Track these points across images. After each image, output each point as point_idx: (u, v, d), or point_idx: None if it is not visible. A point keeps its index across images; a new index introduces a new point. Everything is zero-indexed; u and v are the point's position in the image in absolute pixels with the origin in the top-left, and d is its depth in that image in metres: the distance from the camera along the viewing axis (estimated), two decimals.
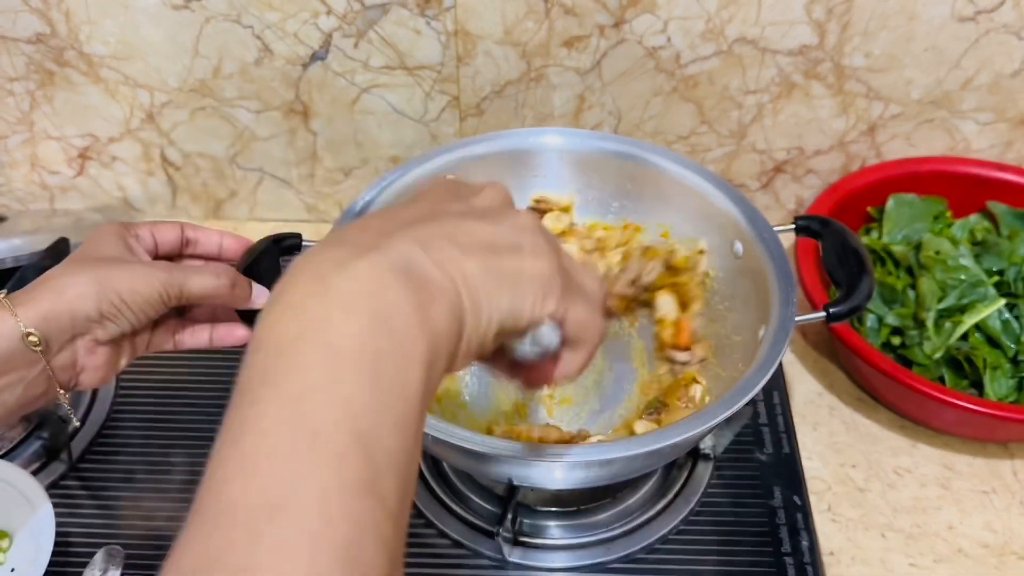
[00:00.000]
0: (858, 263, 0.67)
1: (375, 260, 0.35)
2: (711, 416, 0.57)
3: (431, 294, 0.35)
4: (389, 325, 0.34)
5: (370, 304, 0.34)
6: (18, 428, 0.75)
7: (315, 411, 0.31)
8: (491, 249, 0.38)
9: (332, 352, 0.32)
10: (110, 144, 0.93)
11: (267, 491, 0.29)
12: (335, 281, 0.34)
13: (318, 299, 0.34)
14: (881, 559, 0.70)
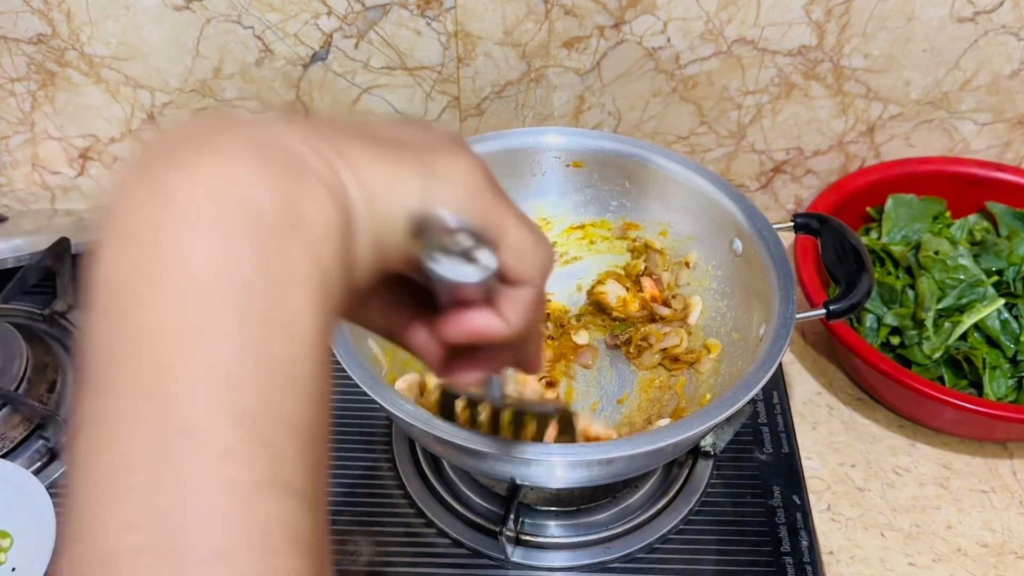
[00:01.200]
0: (857, 260, 0.68)
1: (219, 145, 0.27)
2: (714, 413, 0.58)
3: (297, 177, 0.27)
4: (251, 236, 0.26)
5: (220, 207, 0.26)
6: (20, 428, 0.75)
7: (178, 394, 0.25)
8: (390, 140, 0.30)
9: (183, 297, 0.25)
10: (111, 144, 0.93)
11: (147, 531, 0.23)
12: (170, 186, 0.26)
13: (154, 218, 0.26)
14: (880, 558, 0.71)
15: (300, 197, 0.27)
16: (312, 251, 0.27)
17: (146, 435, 0.24)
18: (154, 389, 0.25)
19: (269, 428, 0.25)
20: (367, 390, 0.59)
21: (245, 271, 0.25)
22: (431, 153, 0.31)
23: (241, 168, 0.26)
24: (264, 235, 0.26)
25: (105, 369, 0.26)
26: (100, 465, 0.24)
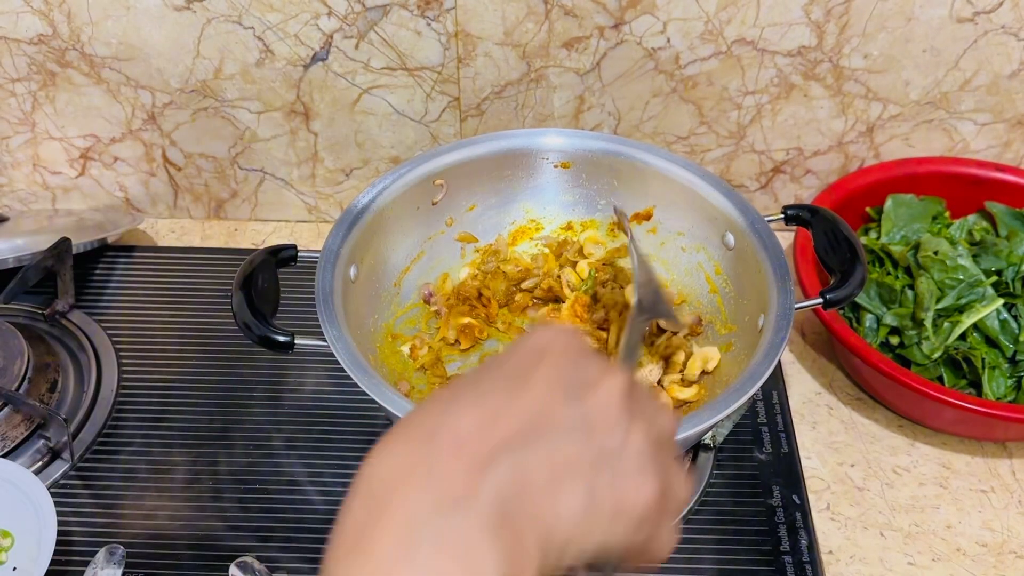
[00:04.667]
0: (850, 250, 0.68)
1: (468, 519, 0.32)
2: (721, 407, 0.58)
3: (521, 561, 0.32)
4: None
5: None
6: (20, 428, 0.76)
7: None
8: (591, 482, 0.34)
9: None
10: (112, 145, 0.93)
11: None
12: (421, 548, 0.31)
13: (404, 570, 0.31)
14: (880, 558, 0.71)
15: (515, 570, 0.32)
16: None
17: None
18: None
19: None
20: (367, 390, 0.59)
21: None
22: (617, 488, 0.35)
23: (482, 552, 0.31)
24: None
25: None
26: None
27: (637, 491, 0.35)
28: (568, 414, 0.35)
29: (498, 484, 0.32)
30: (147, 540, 0.70)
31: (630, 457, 0.35)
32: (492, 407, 0.34)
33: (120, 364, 0.83)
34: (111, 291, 0.90)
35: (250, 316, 0.63)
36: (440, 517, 0.31)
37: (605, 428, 0.35)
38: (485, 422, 0.34)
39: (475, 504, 0.32)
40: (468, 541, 0.31)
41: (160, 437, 0.78)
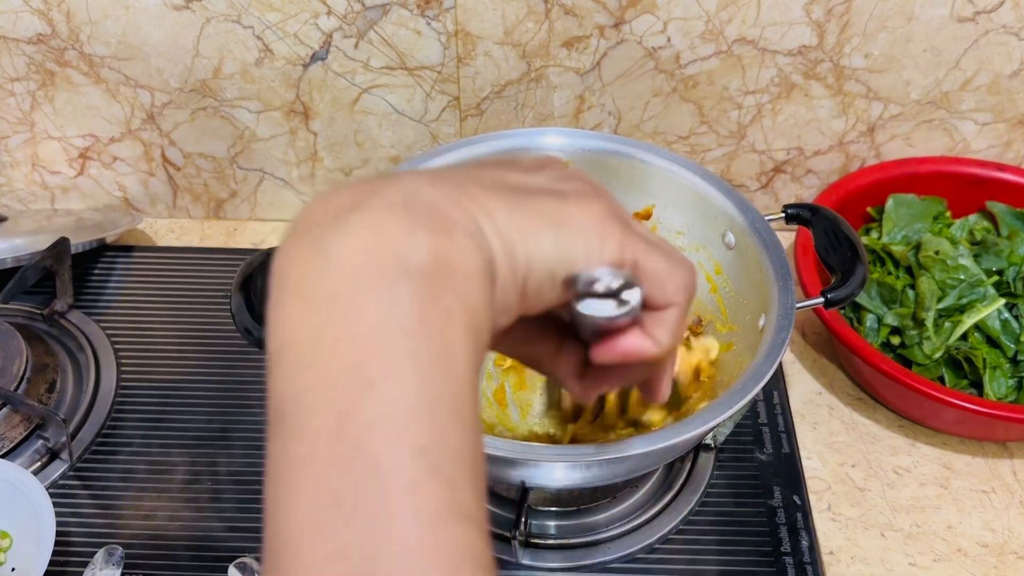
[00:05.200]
0: (851, 249, 0.68)
1: (374, 204, 0.30)
2: (724, 407, 0.58)
3: (445, 230, 0.30)
4: (406, 289, 0.28)
5: (379, 264, 0.29)
6: (19, 428, 0.75)
7: (363, 436, 0.27)
8: (526, 191, 0.33)
9: (355, 347, 0.28)
10: (111, 144, 0.93)
11: (349, 557, 0.26)
12: (332, 245, 0.29)
13: (321, 277, 0.29)
14: (881, 558, 0.71)
15: (449, 250, 0.29)
16: (462, 298, 0.29)
17: (340, 474, 0.27)
18: (341, 432, 0.27)
19: (445, 461, 0.27)
20: None
21: (407, 319, 0.28)
22: (561, 201, 0.33)
23: (395, 227, 0.29)
24: (420, 286, 0.28)
25: (293, 417, 0.28)
26: (301, 503, 0.27)
27: (580, 199, 0.34)
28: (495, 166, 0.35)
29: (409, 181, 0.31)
30: (146, 541, 0.70)
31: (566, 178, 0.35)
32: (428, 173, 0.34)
33: (119, 364, 0.83)
34: (110, 291, 0.90)
35: (249, 319, 0.63)
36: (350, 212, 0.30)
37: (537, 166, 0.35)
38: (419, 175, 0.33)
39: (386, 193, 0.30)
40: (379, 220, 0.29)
41: (159, 437, 0.78)
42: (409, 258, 0.29)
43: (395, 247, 0.29)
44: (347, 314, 0.28)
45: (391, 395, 0.28)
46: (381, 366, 0.28)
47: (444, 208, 0.30)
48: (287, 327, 0.30)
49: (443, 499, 0.27)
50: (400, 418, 0.27)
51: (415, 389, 0.28)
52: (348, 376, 0.28)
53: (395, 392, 0.28)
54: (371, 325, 0.28)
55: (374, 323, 0.28)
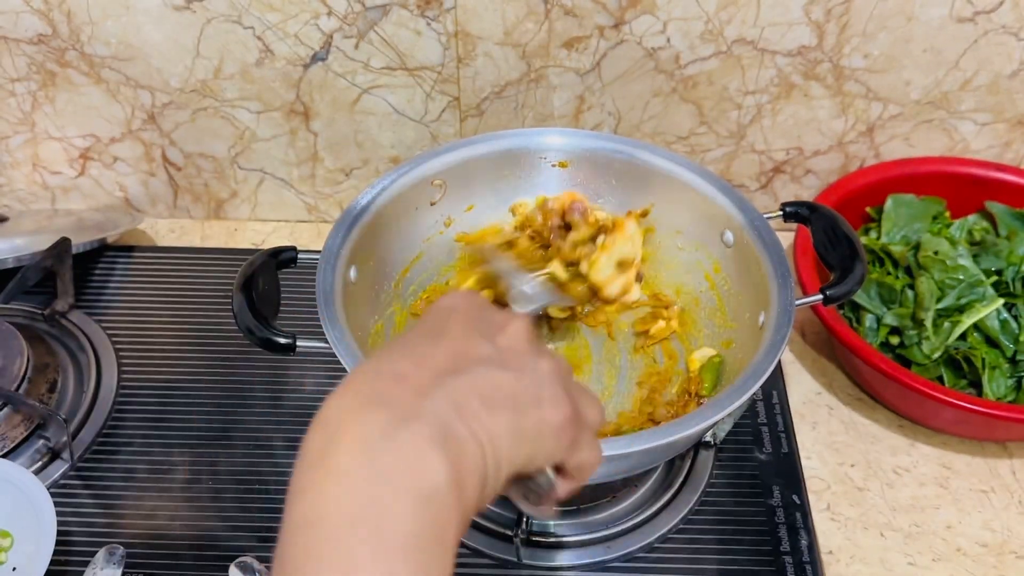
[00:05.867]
0: (850, 247, 0.68)
1: (417, 431, 0.36)
2: (725, 404, 0.58)
3: (466, 468, 0.37)
4: (431, 509, 0.35)
5: (415, 484, 0.35)
6: (20, 428, 0.76)
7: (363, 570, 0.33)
8: (515, 406, 0.40)
9: (383, 546, 0.33)
10: (111, 144, 0.93)
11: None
12: (381, 455, 0.35)
13: (365, 479, 0.35)
14: (880, 558, 0.71)
15: (462, 477, 0.36)
16: (464, 514, 0.37)
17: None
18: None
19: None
20: None
21: (426, 531, 0.35)
22: (539, 414, 0.41)
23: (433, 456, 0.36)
24: (439, 506, 0.35)
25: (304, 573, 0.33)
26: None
27: (553, 408, 0.41)
28: (484, 350, 0.41)
29: (437, 407, 0.37)
30: (147, 540, 0.70)
31: (543, 381, 0.42)
32: (420, 353, 0.40)
33: (120, 364, 0.83)
34: (111, 291, 0.90)
35: (251, 319, 0.63)
36: (392, 432, 0.36)
37: (517, 358, 0.42)
38: (417, 363, 0.39)
39: (421, 422, 0.36)
40: (418, 450, 0.35)
41: (160, 437, 0.78)
42: (438, 488, 0.35)
43: (432, 475, 0.35)
44: (385, 516, 0.34)
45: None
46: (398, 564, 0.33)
47: (466, 447, 0.37)
48: (323, 502, 0.35)
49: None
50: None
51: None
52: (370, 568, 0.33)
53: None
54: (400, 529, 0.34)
55: (402, 529, 0.34)
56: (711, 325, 0.76)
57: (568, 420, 0.42)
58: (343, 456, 0.35)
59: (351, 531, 0.34)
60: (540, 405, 0.41)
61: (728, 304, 0.74)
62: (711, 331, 0.76)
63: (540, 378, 0.42)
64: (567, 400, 0.42)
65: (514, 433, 0.39)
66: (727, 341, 0.73)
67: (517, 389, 0.40)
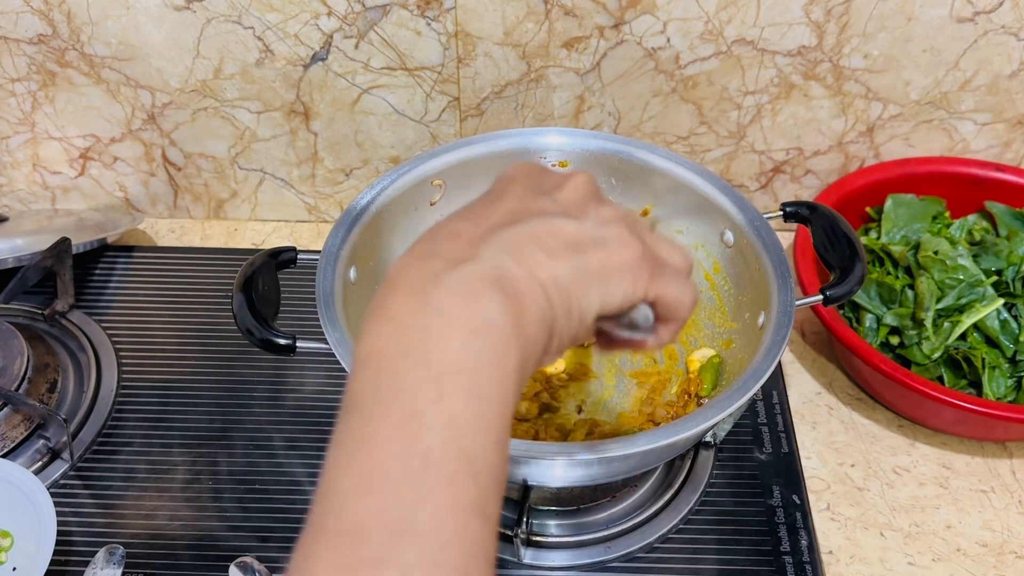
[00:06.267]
0: (850, 247, 0.68)
1: (468, 272, 0.36)
2: (724, 405, 0.58)
3: (522, 304, 0.37)
4: (485, 340, 0.35)
5: (466, 319, 0.35)
6: (20, 428, 0.76)
7: (424, 432, 0.33)
8: (577, 248, 0.39)
9: (435, 371, 0.34)
10: (112, 144, 0.93)
11: (387, 514, 0.32)
12: (432, 295, 0.36)
13: (418, 315, 0.35)
14: (880, 558, 0.71)
15: (519, 311, 0.36)
16: (524, 353, 0.36)
17: (396, 452, 0.33)
18: (407, 426, 0.33)
19: (482, 470, 0.34)
20: None
21: (481, 362, 0.35)
22: (606, 252, 0.40)
23: (486, 297, 0.36)
24: (496, 340, 0.35)
25: (366, 407, 0.34)
26: (357, 468, 0.33)
27: (619, 247, 0.41)
28: (543, 204, 0.41)
29: (494, 251, 0.38)
30: (147, 540, 0.70)
31: (606, 224, 0.41)
32: (477, 213, 0.40)
33: (120, 364, 0.83)
34: (111, 291, 0.90)
35: (251, 319, 0.63)
36: (447, 274, 0.36)
37: (578, 209, 0.42)
38: (473, 221, 0.40)
39: (477, 263, 0.37)
40: (473, 287, 0.36)
41: (160, 437, 0.78)
42: (493, 321, 0.36)
43: (485, 311, 0.36)
44: (434, 344, 0.35)
45: (455, 410, 0.34)
46: (452, 388, 0.34)
47: (523, 285, 0.37)
48: (378, 341, 0.36)
49: (473, 498, 0.33)
50: (457, 429, 0.33)
51: (474, 413, 0.34)
52: (423, 389, 0.34)
53: (458, 409, 0.34)
54: (452, 357, 0.35)
55: (455, 357, 0.35)
56: (711, 325, 0.76)
57: (639, 257, 0.41)
58: (397, 302, 0.36)
59: (402, 360, 0.34)
60: (605, 246, 0.40)
61: (728, 304, 0.74)
62: (711, 331, 0.76)
63: (603, 221, 0.41)
64: (634, 239, 0.41)
65: (579, 273, 0.39)
66: (727, 341, 0.73)
67: (579, 233, 0.40)
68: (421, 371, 0.34)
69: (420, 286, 0.36)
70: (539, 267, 0.38)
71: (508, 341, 0.36)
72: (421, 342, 0.35)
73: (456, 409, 0.34)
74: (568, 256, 0.39)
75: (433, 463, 0.32)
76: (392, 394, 0.34)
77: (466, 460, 0.33)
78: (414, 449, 0.33)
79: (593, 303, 0.40)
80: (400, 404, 0.34)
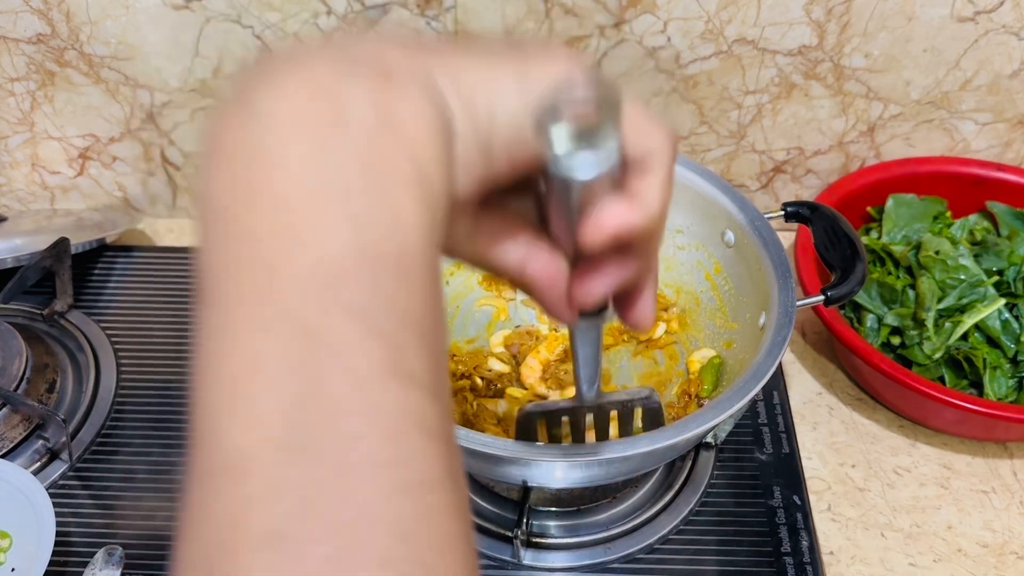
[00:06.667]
0: (851, 247, 0.68)
1: (310, 60, 0.27)
2: (727, 405, 0.58)
3: (393, 81, 0.27)
4: (347, 140, 0.26)
5: (314, 117, 0.26)
6: (19, 428, 0.75)
7: (290, 297, 0.25)
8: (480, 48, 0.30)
9: (283, 202, 0.25)
10: (111, 144, 0.93)
11: (269, 426, 0.24)
12: (263, 103, 0.27)
13: (250, 135, 0.26)
14: (881, 558, 0.71)
15: (395, 102, 0.26)
16: (411, 152, 0.26)
17: (265, 338, 0.24)
18: (267, 294, 0.25)
19: (385, 320, 0.25)
20: None
21: (344, 173, 0.25)
22: (525, 57, 0.30)
23: (332, 79, 0.26)
24: (360, 139, 0.26)
25: (217, 281, 0.26)
26: (222, 373, 0.25)
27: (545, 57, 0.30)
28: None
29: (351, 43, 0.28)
30: (146, 541, 0.70)
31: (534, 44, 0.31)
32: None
33: (119, 364, 0.83)
34: (110, 291, 0.90)
35: None
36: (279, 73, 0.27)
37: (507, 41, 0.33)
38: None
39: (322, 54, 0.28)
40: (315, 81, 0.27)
41: (159, 437, 0.77)
42: (349, 112, 0.26)
43: (333, 101, 0.26)
44: (277, 171, 0.26)
45: (323, 251, 0.25)
46: (314, 222, 0.25)
47: (391, 61, 0.27)
48: (214, 190, 0.27)
49: (381, 361, 0.25)
50: (332, 276, 0.25)
51: (352, 246, 0.25)
52: (276, 234, 0.25)
53: (327, 248, 0.25)
54: (303, 180, 0.26)
55: (306, 178, 0.25)
56: (712, 326, 0.76)
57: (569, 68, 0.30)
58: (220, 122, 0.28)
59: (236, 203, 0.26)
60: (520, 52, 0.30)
61: (729, 304, 0.74)
62: (712, 332, 0.76)
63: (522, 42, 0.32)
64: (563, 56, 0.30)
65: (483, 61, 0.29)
66: (728, 342, 0.73)
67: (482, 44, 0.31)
68: (270, 213, 0.25)
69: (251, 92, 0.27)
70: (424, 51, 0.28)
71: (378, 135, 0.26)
72: (262, 174, 0.26)
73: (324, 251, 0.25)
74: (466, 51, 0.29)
75: (313, 334, 0.24)
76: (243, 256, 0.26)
77: (359, 315, 0.25)
78: (284, 325, 0.24)
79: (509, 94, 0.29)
80: (255, 267, 0.25)
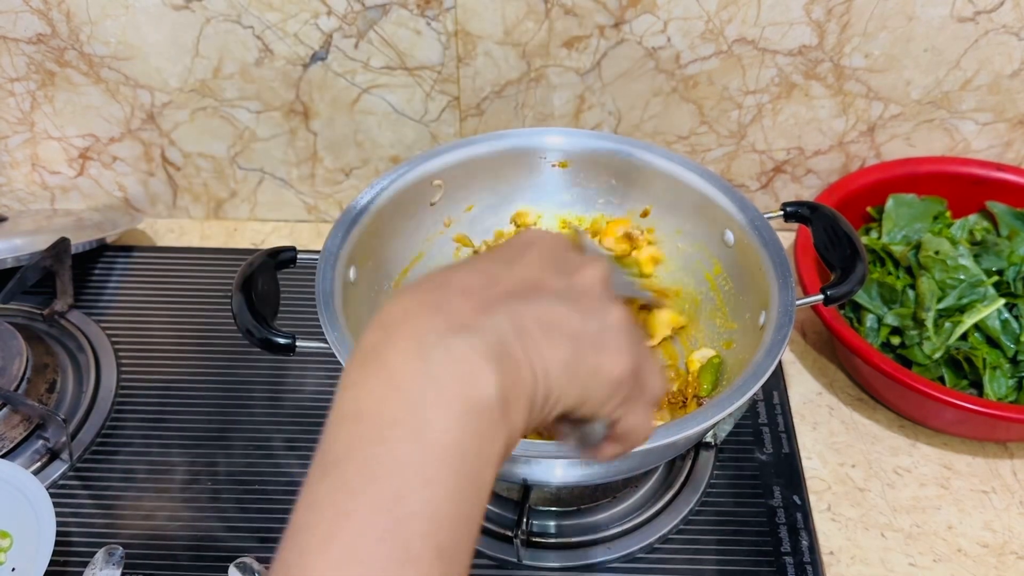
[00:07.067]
0: (850, 247, 0.68)
1: (474, 342, 0.35)
2: (726, 404, 0.58)
3: (517, 390, 0.36)
4: (477, 423, 0.34)
5: (464, 393, 0.34)
6: (19, 428, 0.75)
7: (407, 520, 0.32)
8: (576, 344, 0.39)
9: (427, 449, 0.33)
10: (111, 144, 0.93)
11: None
12: (434, 357, 0.35)
13: (417, 377, 0.34)
14: (881, 559, 0.71)
15: (511, 397, 0.36)
16: (508, 437, 0.36)
17: (377, 540, 0.32)
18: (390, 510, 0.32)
19: (453, 565, 0.33)
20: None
21: (470, 444, 0.34)
22: (598, 357, 0.39)
23: (485, 369, 0.35)
24: (486, 421, 0.35)
25: (350, 475, 0.33)
26: (333, 548, 0.32)
27: (614, 358, 0.39)
28: (558, 284, 0.40)
29: (499, 322, 0.36)
30: (146, 541, 0.70)
31: (609, 329, 0.40)
32: (492, 272, 0.39)
33: (119, 364, 0.83)
34: (110, 291, 0.90)
35: (251, 319, 0.63)
36: (448, 338, 0.35)
37: (589, 300, 0.40)
38: (487, 280, 0.38)
39: (479, 333, 0.36)
40: (472, 360, 0.35)
41: (159, 437, 0.78)
42: (487, 403, 0.35)
43: (482, 388, 0.35)
44: (428, 418, 0.34)
45: (438, 497, 0.33)
46: (439, 472, 0.33)
47: (520, 370, 0.36)
48: (369, 399, 0.35)
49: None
50: (438, 517, 0.33)
51: (452, 501, 0.33)
52: (411, 467, 0.33)
53: (442, 496, 0.33)
54: (444, 436, 0.34)
55: (446, 436, 0.34)
56: (711, 325, 0.76)
57: (626, 373, 0.40)
58: (394, 354, 0.35)
59: (391, 430, 0.33)
60: (601, 351, 0.39)
61: (728, 304, 0.74)
62: (711, 331, 0.76)
63: (607, 325, 0.40)
64: (629, 354, 0.40)
65: (568, 369, 0.38)
66: (727, 341, 0.73)
67: (581, 329, 0.39)
68: (412, 445, 0.33)
69: (420, 344, 0.35)
70: (537, 353, 0.37)
71: (496, 427, 0.35)
72: (415, 414, 0.34)
73: (440, 497, 0.33)
74: (566, 349, 0.38)
75: (411, 558, 0.32)
76: (379, 465, 0.33)
77: (441, 556, 0.33)
78: (395, 539, 0.32)
79: (569, 400, 0.39)
80: (388, 482, 0.32)
